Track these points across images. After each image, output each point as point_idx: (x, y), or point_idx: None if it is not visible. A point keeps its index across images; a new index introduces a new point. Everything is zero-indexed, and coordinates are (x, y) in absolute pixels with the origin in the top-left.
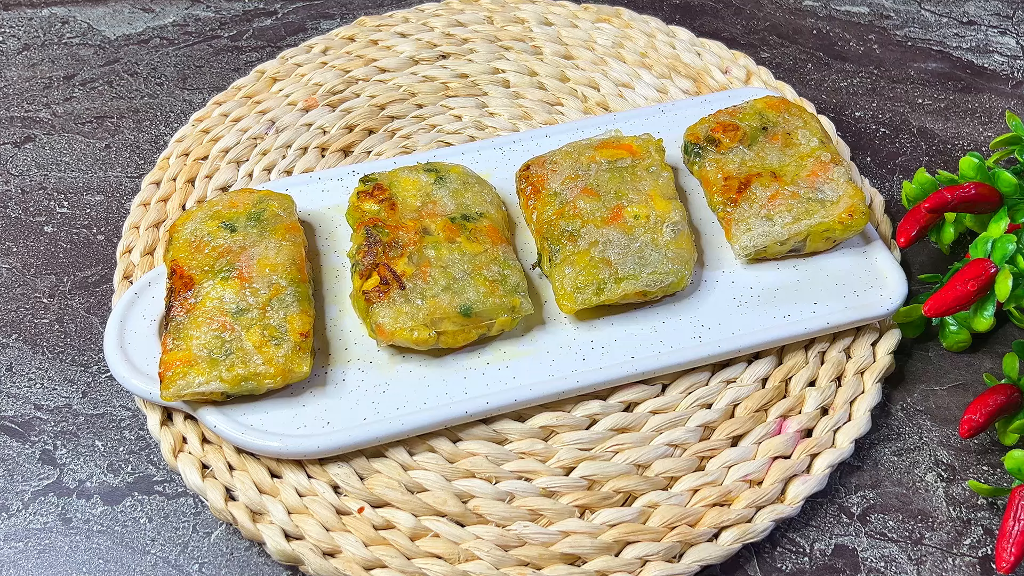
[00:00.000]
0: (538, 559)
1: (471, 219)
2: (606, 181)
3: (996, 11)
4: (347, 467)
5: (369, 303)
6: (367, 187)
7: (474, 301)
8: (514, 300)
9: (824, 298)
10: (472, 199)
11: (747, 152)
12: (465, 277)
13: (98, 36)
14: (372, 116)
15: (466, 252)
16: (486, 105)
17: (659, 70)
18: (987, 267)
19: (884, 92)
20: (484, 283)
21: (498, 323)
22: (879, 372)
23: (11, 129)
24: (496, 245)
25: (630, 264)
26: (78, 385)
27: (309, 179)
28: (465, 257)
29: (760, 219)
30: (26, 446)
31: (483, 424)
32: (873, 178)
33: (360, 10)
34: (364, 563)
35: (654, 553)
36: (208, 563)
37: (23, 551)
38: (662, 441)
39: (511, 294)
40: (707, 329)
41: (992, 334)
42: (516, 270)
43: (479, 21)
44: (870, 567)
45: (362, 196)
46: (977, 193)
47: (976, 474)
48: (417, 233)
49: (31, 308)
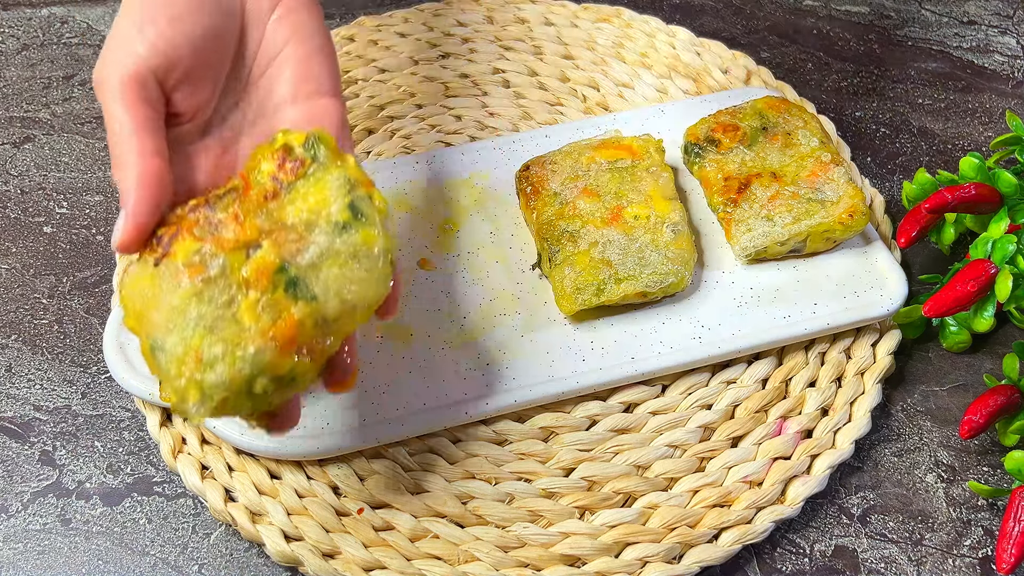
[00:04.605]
0: (538, 560)
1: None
2: (606, 182)
3: (996, 11)
4: (347, 468)
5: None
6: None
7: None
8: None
9: (824, 299)
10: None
11: (747, 152)
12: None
13: (97, 36)
14: (372, 116)
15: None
16: (486, 105)
17: (659, 70)
18: (987, 268)
19: (884, 92)
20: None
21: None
22: (879, 373)
23: (10, 129)
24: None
25: (630, 265)
26: (77, 386)
27: None
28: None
29: (760, 219)
30: (25, 447)
31: (483, 425)
32: (873, 178)
33: (360, 10)
34: (364, 564)
35: (654, 554)
36: (207, 564)
37: (22, 552)
38: (662, 442)
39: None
40: (707, 330)
41: (992, 335)
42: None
43: (479, 21)
44: (870, 568)
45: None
46: (977, 193)
47: (976, 475)
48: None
49: (30, 309)
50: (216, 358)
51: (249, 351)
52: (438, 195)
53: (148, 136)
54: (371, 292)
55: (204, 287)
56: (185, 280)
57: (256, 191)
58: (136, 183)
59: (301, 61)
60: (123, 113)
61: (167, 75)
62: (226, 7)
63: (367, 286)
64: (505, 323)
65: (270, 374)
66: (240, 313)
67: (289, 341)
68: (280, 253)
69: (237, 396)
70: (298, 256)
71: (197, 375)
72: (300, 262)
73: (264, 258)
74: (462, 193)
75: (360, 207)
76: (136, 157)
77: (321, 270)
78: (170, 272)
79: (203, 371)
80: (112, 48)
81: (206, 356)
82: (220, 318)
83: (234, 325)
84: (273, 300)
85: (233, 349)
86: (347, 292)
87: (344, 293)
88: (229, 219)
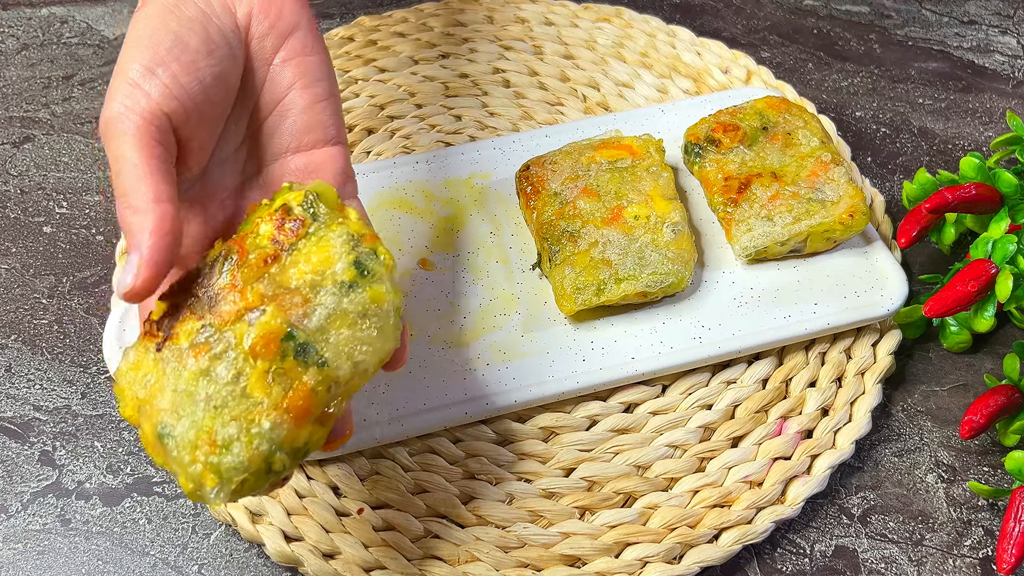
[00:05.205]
0: (538, 560)
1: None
2: (606, 181)
3: (997, 10)
4: (347, 468)
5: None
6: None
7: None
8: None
9: (824, 299)
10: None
11: (747, 152)
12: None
13: (97, 36)
14: (372, 116)
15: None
16: (486, 105)
17: (659, 70)
18: (988, 268)
19: (885, 92)
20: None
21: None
22: (880, 373)
23: (10, 129)
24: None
25: (630, 265)
26: (77, 386)
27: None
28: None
29: (760, 219)
30: (25, 447)
31: (483, 425)
32: (874, 178)
33: (360, 10)
34: (364, 564)
35: (654, 554)
36: (207, 564)
37: (22, 552)
38: (662, 442)
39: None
40: (707, 330)
41: (993, 335)
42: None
43: (479, 21)
44: (870, 568)
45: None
46: (978, 193)
47: (977, 475)
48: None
49: (30, 309)
50: (231, 438)
51: (264, 427)
52: (438, 195)
53: (163, 181)
54: (382, 351)
55: (210, 364)
56: (191, 362)
57: (256, 255)
58: (154, 228)
59: (305, 110)
60: (136, 154)
61: (181, 121)
62: (234, 49)
63: (378, 345)
64: (505, 323)
65: (288, 448)
66: (250, 387)
67: (303, 412)
68: (286, 318)
69: (256, 476)
70: (305, 320)
71: (213, 459)
72: (308, 326)
73: (269, 323)
74: (462, 193)
75: (366, 264)
76: (151, 203)
77: (330, 333)
78: (174, 356)
79: (219, 454)
80: (122, 91)
81: (220, 438)
82: (230, 395)
83: (245, 400)
84: (283, 369)
85: (248, 427)
86: (358, 354)
87: (355, 355)
88: (228, 288)
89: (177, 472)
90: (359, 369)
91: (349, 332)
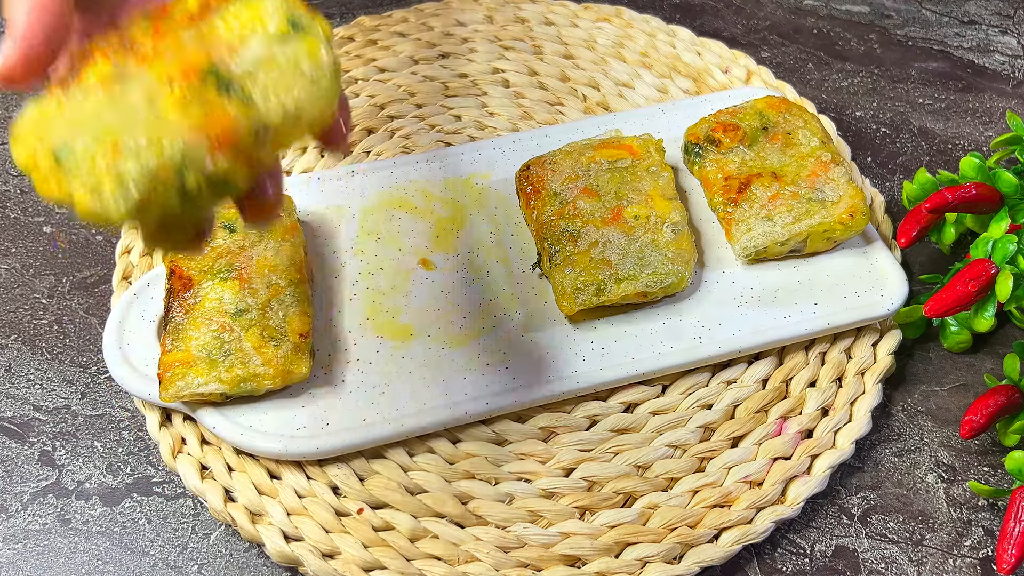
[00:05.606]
0: (538, 560)
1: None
2: (606, 181)
3: (997, 10)
4: (346, 468)
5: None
6: None
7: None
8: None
9: (825, 298)
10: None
11: (747, 152)
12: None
13: None
14: (372, 116)
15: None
16: (486, 105)
17: (659, 70)
18: (988, 267)
19: (885, 92)
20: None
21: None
22: (880, 373)
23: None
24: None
25: (630, 265)
26: (77, 386)
27: (308, 179)
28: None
29: (760, 219)
30: (25, 447)
31: (483, 425)
32: (874, 178)
33: (360, 10)
34: (363, 564)
35: (654, 554)
36: (207, 564)
37: (22, 552)
38: (662, 442)
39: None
40: (707, 330)
41: (993, 335)
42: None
43: (479, 21)
44: (871, 568)
45: None
46: (978, 193)
47: (977, 475)
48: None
49: (30, 309)
50: (140, 147)
51: (179, 143)
52: (438, 195)
53: None
54: (316, 103)
55: (121, 90)
56: (100, 93)
57: (180, 11)
58: (29, 5)
59: None
60: None
61: None
62: None
63: (313, 94)
64: (505, 323)
65: (202, 169)
66: (164, 110)
67: (224, 139)
68: (209, 57)
69: (166, 189)
70: (232, 65)
71: (118, 165)
72: (234, 69)
73: (192, 57)
74: (462, 193)
75: (300, 22)
76: None
77: (258, 76)
78: (80, 92)
79: (124, 160)
80: None
81: (127, 146)
82: (141, 116)
83: (158, 121)
84: (204, 99)
85: (159, 139)
86: (290, 100)
87: (286, 101)
88: (148, 37)
89: (73, 190)
90: (289, 115)
91: (279, 75)
